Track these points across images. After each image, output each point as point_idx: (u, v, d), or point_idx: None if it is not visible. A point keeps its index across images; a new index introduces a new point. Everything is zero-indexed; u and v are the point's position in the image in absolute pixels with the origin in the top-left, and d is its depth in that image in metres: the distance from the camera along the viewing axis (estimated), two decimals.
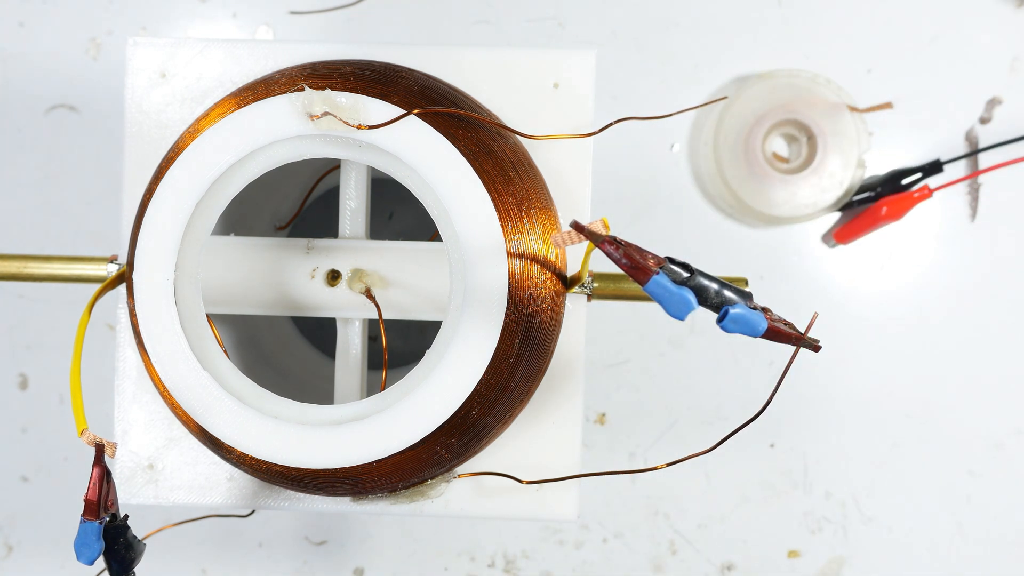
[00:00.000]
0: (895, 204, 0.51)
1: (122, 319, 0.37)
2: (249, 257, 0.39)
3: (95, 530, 0.28)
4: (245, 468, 0.35)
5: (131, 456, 0.37)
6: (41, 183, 0.54)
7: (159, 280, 0.33)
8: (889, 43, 0.53)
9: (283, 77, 0.34)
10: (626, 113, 0.37)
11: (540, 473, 0.36)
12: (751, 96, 0.52)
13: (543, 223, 0.34)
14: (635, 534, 0.54)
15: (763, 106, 0.52)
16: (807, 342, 0.27)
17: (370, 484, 0.34)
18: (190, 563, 0.55)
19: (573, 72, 0.36)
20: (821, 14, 0.54)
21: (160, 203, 0.33)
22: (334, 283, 0.38)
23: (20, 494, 0.55)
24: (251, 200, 0.39)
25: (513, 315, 0.32)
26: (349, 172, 0.38)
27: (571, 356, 0.36)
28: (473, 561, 0.54)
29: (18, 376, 0.55)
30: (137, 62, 0.37)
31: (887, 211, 0.51)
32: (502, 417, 0.34)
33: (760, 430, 0.54)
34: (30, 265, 0.37)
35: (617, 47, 0.54)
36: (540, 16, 0.54)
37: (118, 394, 0.37)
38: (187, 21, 0.55)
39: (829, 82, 0.52)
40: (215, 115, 0.34)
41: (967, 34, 0.53)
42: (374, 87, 0.33)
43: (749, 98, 0.52)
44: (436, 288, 0.38)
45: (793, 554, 0.54)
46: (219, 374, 0.34)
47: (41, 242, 0.55)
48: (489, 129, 0.34)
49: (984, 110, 0.53)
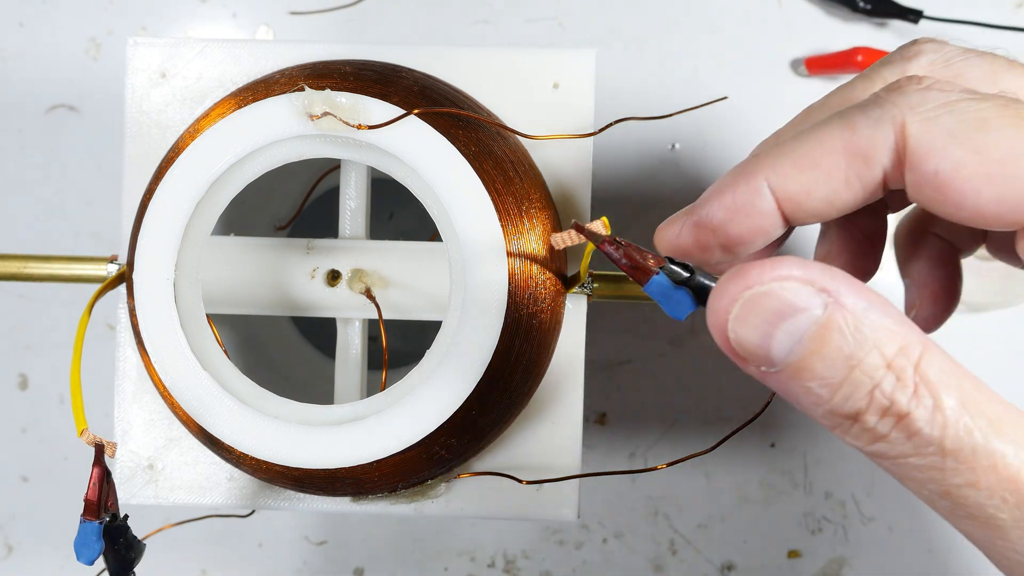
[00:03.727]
0: (871, 57, 0.51)
1: (122, 319, 0.37)
2: (249, 257, 0.39)
3: (95, 530, 0.28)
4: (245, 468, 0.35)
5: (131, 456, 0.37)
6: (41, 183, 0.54)
7: (159, 280, 0.33)
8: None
9: (283, 77, 0.34)
10: (626, 113, 0.37)
11: (540, 473, 0.36)
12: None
13: (543, 223, 0.34)
14: (635, 534, 0.54)
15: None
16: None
17: (370, 484, 0.34)
18: (190, 563, 0.55)
19: (573, 72, 0.36)
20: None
21: (160, 203, 0.33)
22: (334, 283, 0.38)
23: (20, 494, 0.55)
24: (251, 200, 0.39)
25: (513, 315, 0.32)
26: (349, 172, 0.38)
27: (571, 356, 0.36)
28: (473, 561, 0.54)
29: (18, 376, 0.55)
30: (137, 62, 0.37)
31: (862, 59, 0.51)
32: (502, 417, 0.34)
33: (760, 430, 0.54)
34: (30, 265, 0.37)
35: (617, 47, 0.54)
36: (540, 16, 0.54)
37: (118, 394, 0.37)
38: (187, 21, 0.55)
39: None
40: (215, 115, 0.34)
41: (966, 35, 0.53)
42: (374, 87, 0.33)
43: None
44: (436, 288, 0.38)
45: (793, 554, 0.54)
46: (219, 374, 0.34)
47: (41, 242, 0.54)
48: (489, 129, 0.34)
49: None
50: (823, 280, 0.21)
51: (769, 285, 0.22)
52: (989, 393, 0.21)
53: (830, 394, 0.22)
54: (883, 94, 0.24)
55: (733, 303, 0.22)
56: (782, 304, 0.21)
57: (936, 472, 0.21)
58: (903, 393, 0.21)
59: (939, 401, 0.21)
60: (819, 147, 0.24)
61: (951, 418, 0.21)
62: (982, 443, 0.21)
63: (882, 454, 0.22)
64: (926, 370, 0.21)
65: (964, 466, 0.21)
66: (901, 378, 0.21)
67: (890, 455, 0.22)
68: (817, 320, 0.21)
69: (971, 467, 0.21)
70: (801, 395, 0.22)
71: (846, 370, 0.21)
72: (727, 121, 0.53)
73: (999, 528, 0.21)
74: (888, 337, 0.21)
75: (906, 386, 0.21)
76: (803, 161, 0.24)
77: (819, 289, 0.21)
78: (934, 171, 0.23)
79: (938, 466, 0.21)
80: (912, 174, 0.23)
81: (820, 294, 0.21)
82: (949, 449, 0.21)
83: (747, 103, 0.53)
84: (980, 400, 0.21)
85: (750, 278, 0.22)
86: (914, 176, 0.23)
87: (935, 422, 0.21)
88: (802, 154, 0.24)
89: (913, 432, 0.21)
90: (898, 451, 0.21)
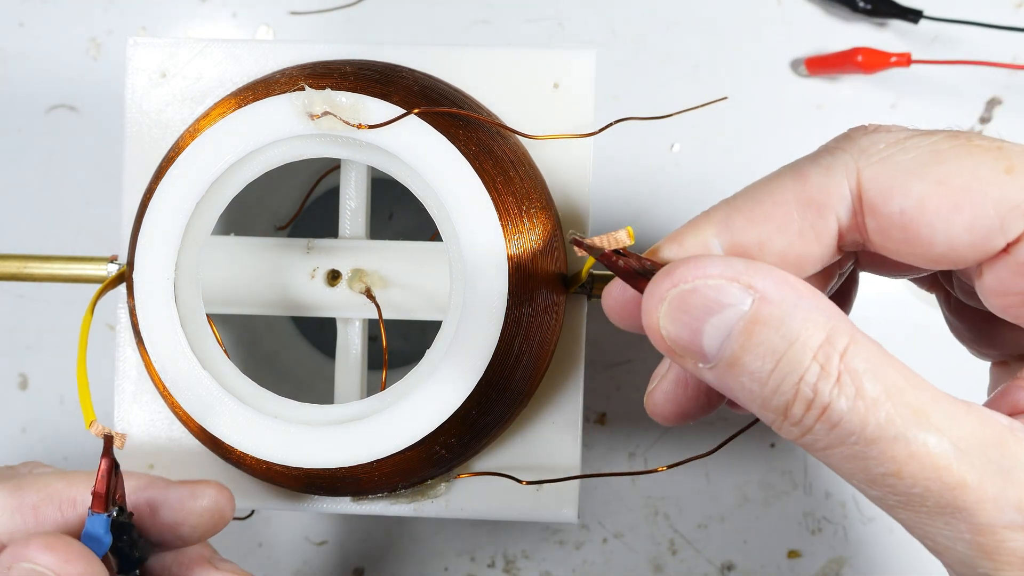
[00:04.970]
0: (870, 57, 0.51)
1: (122, 319, 0.37)
2: (249, 257, 0.39)
3: (103, 523, 0.28)
4: (245, 468, 0.35)
5: (131, 456, 0.37)
6: (41, 183, 0.54)
7: (159, 280, 0.33)
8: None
9: (283, 77, 0.34)
10: (626, 113, 0.37)
11: (540, 473, 0.36)
12: None
13: (543, 223, 0.34)
14: (635, 534, 0.54)
15: None
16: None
17: (370, 484, 0.34)
18: None
19: (573, 72, 0.36)
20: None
21: (160, 203, 0.33)
22: (334, 283, 0.38)
23: None
24: (251, 200, 0.39)
25: (513, 315, 0.32)
26: (349, 172, 0.38)
27: (571, 356, 0.36)
28: (473, 561, 0.54)
29: (18, 376, 0.55)
30: (137, 62, 0.37)
31: (862, 59, 0.51)
32: (502, 417, 0.34)
33: (760, 430, 0.54)
34: (30, 265, 0.37)
35: (617, 47, 0.54)
36: (540, 16, 0.54)
37: (118, 394, 0.37)
38: (187, 21, 0.55)
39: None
40: (215, 115, 0.34)
41: (967, 34, 0.53)
42: (374, 87, 0.33)
43: None
44: (436, 288, 0.38)
45: (793, 554, 0.54)
46: (219, 374, 0.34)
47: (41, 242, 0.54)
48: (489, 129, 0.34)
49: (984, 110, 0.53)
50: (749, 275, 0.22)
51: (694, 283, 0.22)
52: (918, 381, 0.21)
53: (760, 387, 0.22)
54: (832, 144, 0.24)
55: (662, 301, 0.22)
56: (708, 301, 0.22)
57: (861, 462, 0.21)
58: (826, 382, 0.21)
59: (861, 389, 0.21)
60: (770, 199, 0.24)
61: (872, 407, 0.21)
62: (903, 431, 0.21)
63: (810, 446, 0.22)
64: (851, 359, 0.21)
65: (886, 455, 0.21)
66: (825, 367, 0.21)
67: (817, 447, 0.22)
68: (743, 315, 0.21)
69: (892, 456, 0.21)
70: (736, 390, 0.22)
71: (773, 363, 0.21)
72: (727, 121, 0.53)
73: (927, 515, 0.21)
74: (814, 328, 0.21)
75: (830, 375, 0.21)
76: (754, 214, 0.24)
77: (745, 285, 0.22)
78: (899, 211, 0.22)
79: (862, 455, 0.21)
80: (875, 219, 0.23)
81: (747, 290, 0.22)
82: (870, 438, 0.21)
83: (747, 103, 0.53)
84: (906, 388, 0.21)
85: (676, 276, 0.22)
86: (877, 221, 0.23)
87: (856, 411, 0.21)
88: (753, 207, 0.24)
89: (835, 423, 0.21)
90: (824, 443, 0.21)
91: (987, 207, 0.22)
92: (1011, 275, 0.23)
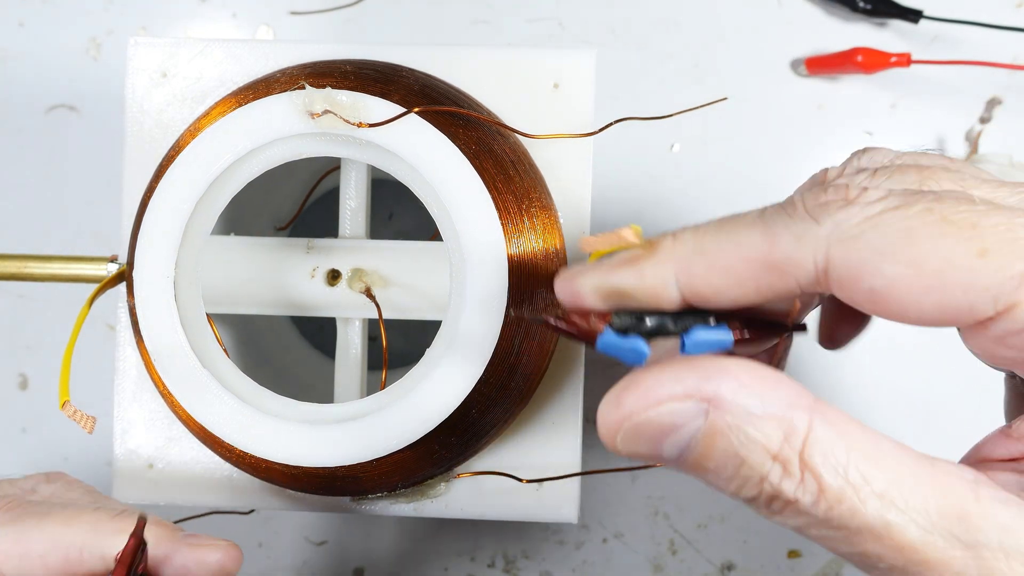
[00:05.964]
0: (870, 57, 0.51)
1: (122, 318, 0.37)
2: (249, 257, 0.39)
3: None
4: (245, 468, 0.35)
5: (131, 456, 0.37)
6: (41, 183, 0.54)
7: (159, 279, 0.33)
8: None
9: (283, 76, 0.34)
10: (626, 113, 0.37)
11: (540, 473, 0.36)
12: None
13: (543, 222, 0.34)
14: (635, 534, 0.54)
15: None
16: (789, 328, 0.27)
17: (370, 483, 0.34)
18: None
19: (573, 72, 0.36)
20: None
21: (160, 202, 0.33)
22: (334, 283, 0.38)
23: None
24: (251, 200, 0.39)
25: (513, 315, 0.32)
26: (349, 172, 0.38)
27: (571, 356, 0.36)
28: (473, 561, 0.54)
29: (18, 376, 0.55)
30: (137, 62, 0.37)
31: (862, 59, 0.51)
32: (502, 417, 0.34)
33: None
34: (30, 265, 0.37)
35: (617, 47, 0.54)
36: (540, 16, 0.54)
37: (118, 394, 0.37)
38: (187, 21, 0.55)
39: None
40: (215, 114, 0.34)
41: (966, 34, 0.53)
42: (374, 86, 0.33)
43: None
44: (436, 288, 0.38)
45: (793, 554, 0.54)
46: (219, 373, 0.34)
47: (41, 242, 0.54)
48: (489, 128, 0.34)
49: (984, 110, 0.53)
50: (703, 388, 0.22)
51: (646, 414, 0.22)
52: (879, 456, 0.22)
53: (726, 484, 0.22)
54: (810, 207, 0.23)
55: (617, 430, 0.23)
56: (663, 427, 0.22)
57: (830, 542, 0.22)
58: (790, 482, 0.21)
59: (823, 486, 0.21)
60: (735, 252, 0.24)
61: (836, 501, 0.21)
62: (866, 520, 0.21)
63: (783, 525, 0.22)
64: (811, 455, 0.21)
65: (853, 539, 0.21)
66: (787, 468, 0.21)
67: (790, 527, 0.22)
68: (698, 430, 0.22)
69: (858, 540, 0.21)
70: (702, 481, 0.23)
71: (735, 468, 0.22)
72: (727, 121, 0.53)
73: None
74: (772, 429, 0.21)
75: (792, 475, 0.21)
76: (716, 264, 0.24)
77: (700, 399, 0.22)
78: (868, 289, 0.22)
79: (830, 537, 0.22)
80: (843, 292, 0.23)
81: (700, 404, 0.22)
82: (836, 527, 0.21)
83: (747, 103, 0.53)
84: (869, 472, 0.21)
85: (625, 408, 0.22)
86: (845, 293, 0.23)
87: (819, 506, 0.21)
88: (717, 255, 0.24)
89: (802, 513, 0.22)
90: (794, 524, 0.22)
91: (957, 292, 0.22)
92: (991, 344, 0.23)
